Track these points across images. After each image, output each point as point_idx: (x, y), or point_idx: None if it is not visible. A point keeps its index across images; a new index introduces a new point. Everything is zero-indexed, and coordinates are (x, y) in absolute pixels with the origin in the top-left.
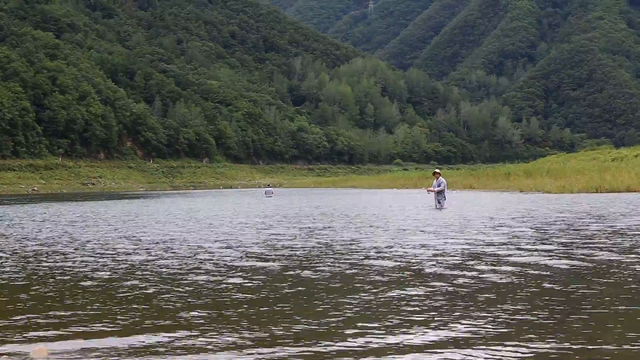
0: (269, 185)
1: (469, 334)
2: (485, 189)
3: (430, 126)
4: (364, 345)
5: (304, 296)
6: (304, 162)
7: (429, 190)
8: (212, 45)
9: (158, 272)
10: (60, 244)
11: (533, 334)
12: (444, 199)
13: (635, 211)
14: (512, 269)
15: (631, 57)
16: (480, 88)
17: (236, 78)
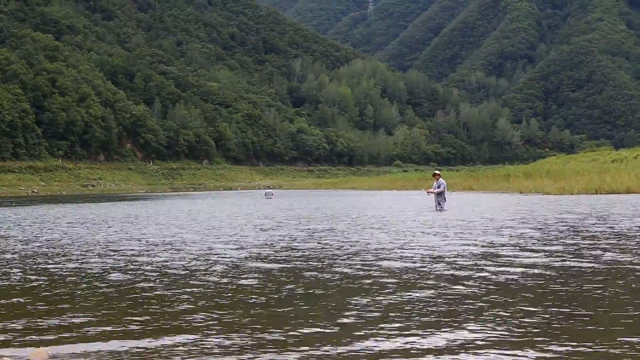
0: (268, 186)
1: (481, 338)
2: (484, 191)
3: (429, 128)
4: (374, 348)
5: (312, 298)
6: (303, 164)
7: (429, 191)
8: (212, 47)
9: (163, 275)
10: (61, 246)
11: (546, 337)
12: (444, 201)
13: (637, 212)
14: (519, 270)
15: (631, 59)
16: (480, 89)
17: (236, 80)
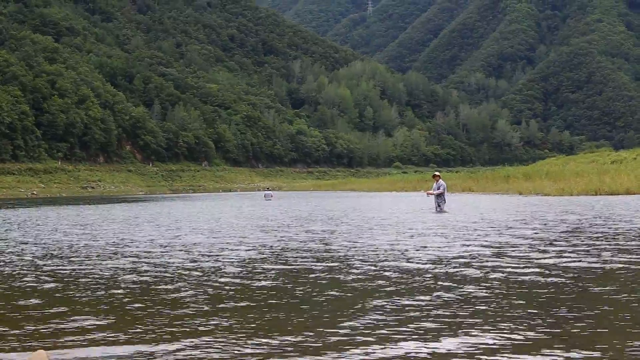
0: (268, 188)
1: (488, 343)
2: (484, 192)
3: (429, 129)
4: (381, 353)
5: (317, 302)
6: (303, 165)
7: (429, 193)
8: (211, 48)
9: (168, 278)
10: (64, 249)
11: (554, 342)
12: (444, 202)
13: (638, 213)
14: (524, 272)
15: (630, 60)
16: (480, 91)
17: (235, 81)
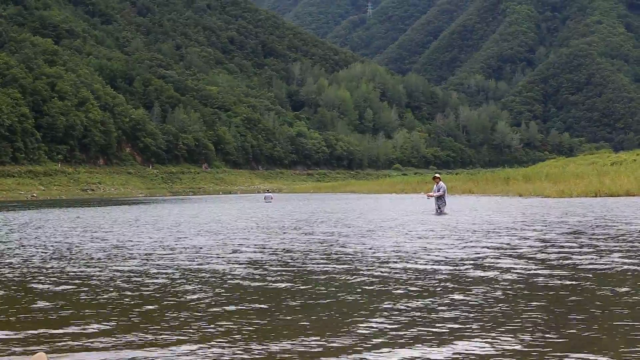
0: (268, 190)
1: (494, 349)
2: (484, 194)
3: (429, 131)
4: (401, 355)
5: (322, 306)
6: (303, 167)
7: (429, 195)
8: (211, 50)
9: (171, 283)
10: (67, 252)
11: (564, 347)
12: (444, 204)
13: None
14: (528, 275)
15: (630, 61)
16: (479, 93)
17: (235, 83)
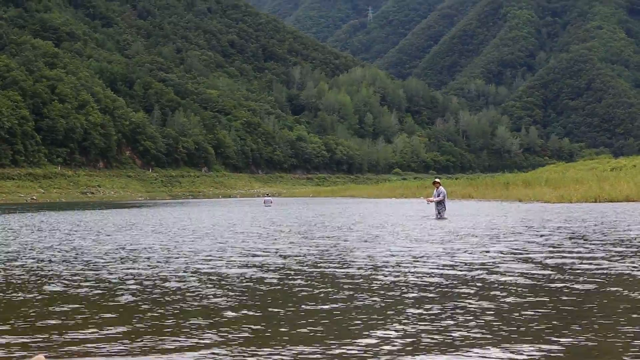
0: (267, 194)
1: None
2: (484, 199)
3: (429, 135)
4: None
5: (331, 313)
6: (302, 172)
7: (429, 200)
8: (211, 54)
9: (174, 288)
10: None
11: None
12: (444, 209)
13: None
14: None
15: (630, 67)
16: (479, 97)
17: (235, 87)
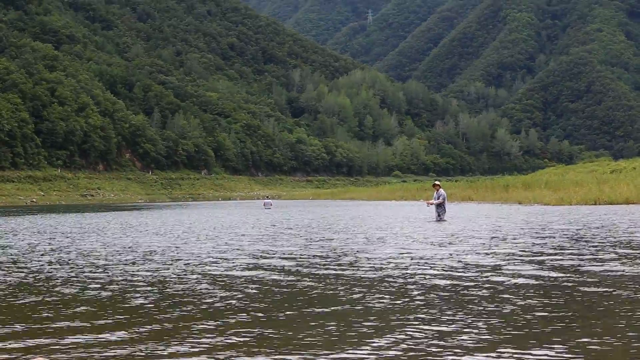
0: (267, 197)
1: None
2: (484, 201)
3: (429, 138)
4: None
5: (337, 318)
6: (302, 174)
7: (429, 203)
8: (211, 57)
9: (176, 292)
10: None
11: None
12: (444, 212)
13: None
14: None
15: (630, 69)
16: (479, 100)
17: (235, 90)
